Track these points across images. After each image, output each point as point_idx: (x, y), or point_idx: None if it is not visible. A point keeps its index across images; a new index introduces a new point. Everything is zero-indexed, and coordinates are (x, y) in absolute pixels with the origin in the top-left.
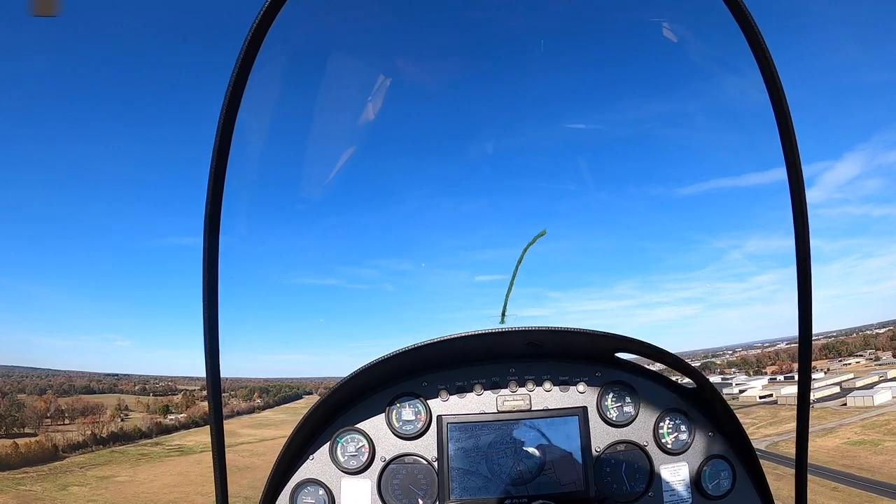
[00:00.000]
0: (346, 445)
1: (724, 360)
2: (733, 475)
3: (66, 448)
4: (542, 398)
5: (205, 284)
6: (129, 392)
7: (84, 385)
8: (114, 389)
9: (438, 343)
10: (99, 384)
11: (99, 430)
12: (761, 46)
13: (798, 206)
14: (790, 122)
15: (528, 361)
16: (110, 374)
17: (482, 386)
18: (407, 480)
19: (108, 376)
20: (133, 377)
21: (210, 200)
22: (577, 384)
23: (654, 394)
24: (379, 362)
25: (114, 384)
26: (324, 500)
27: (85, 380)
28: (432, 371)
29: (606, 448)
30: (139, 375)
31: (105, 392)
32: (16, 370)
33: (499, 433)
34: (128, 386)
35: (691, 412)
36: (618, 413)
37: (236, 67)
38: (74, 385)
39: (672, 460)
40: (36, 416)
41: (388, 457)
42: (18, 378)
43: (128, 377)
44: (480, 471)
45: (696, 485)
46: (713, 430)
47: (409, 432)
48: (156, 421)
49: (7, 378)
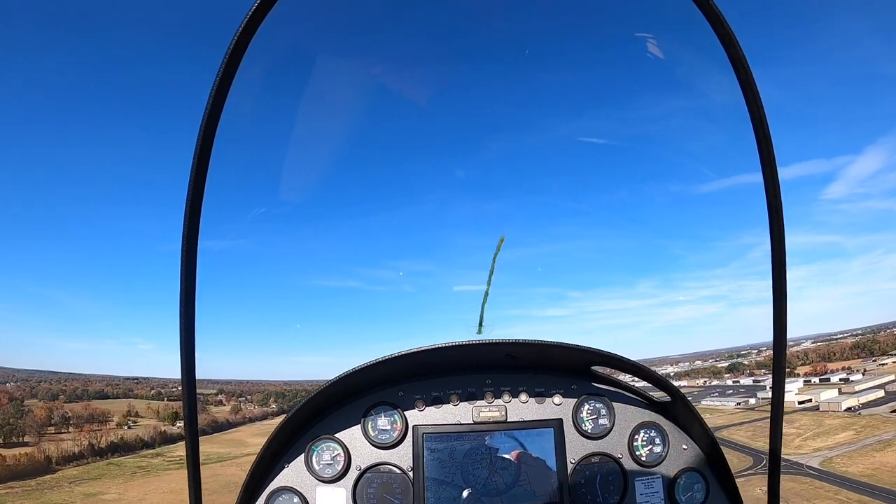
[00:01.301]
0: (322, 454)
1: (751, 360)
2: (707, 488)
3: (60, 460)
4: (518, 410)
5: (182, 286)
6: (143, 397)
7: (98, 390)
8: (129, 394)
9: (415, 354)
10: (114, 389)
11: (97, 440)
12: (734, 46)
13: (773, 202)
14: (766, 127)
15: (504, 373)
16: (130, 377)
17: (458, 396)
18: (382, 489)
19: (127, 380)
20: (153, 380)
21: (189, 202)
22: (552, 396)
23: (629, 406)
24: (355, 372)
25: (129, 389)
26: None
27: (103, 384)
28: (409, 381)
29: (581, 460)
30: (159, 379)
31: (120, 397)
32: (36, 374)
33: (474, 444)
34: (143, 391)
35: (666, 425)
36: (593, 425)
37: (222, 66)
38: (88, 390)
39: (646, 473)
40: (36, 425)
41: (364, 466)
42: (35, 382)
43: (147, 381)
44: (455, 481)
45: (670, 497)
46: (687, 444)
47: (385, 442)
48: (160, 430)
49: (26, 382)
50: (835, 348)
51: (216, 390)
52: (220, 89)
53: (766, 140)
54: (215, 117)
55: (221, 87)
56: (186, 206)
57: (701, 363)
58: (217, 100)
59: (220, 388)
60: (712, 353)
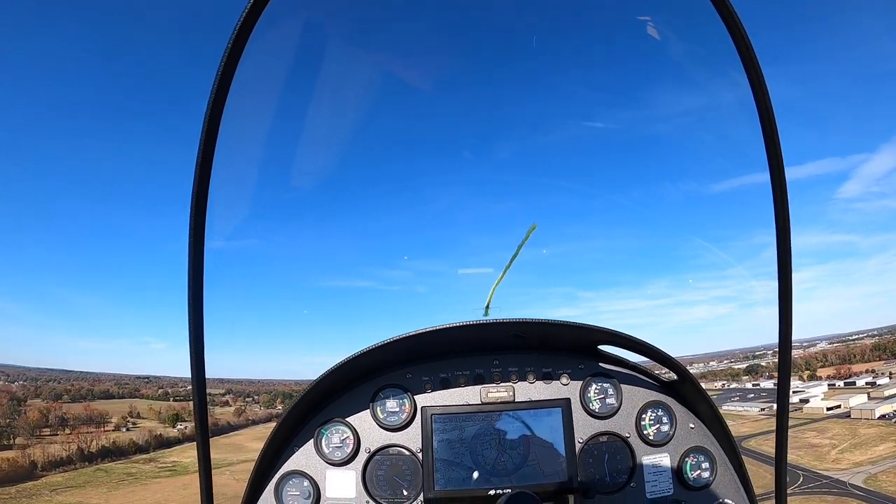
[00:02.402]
0: (331, 437)
1: (769, 361)
2: (714, 467)
3: (46, 465)
4: (526, 390)
5: (190, 286)
6: (149, 397)
7: (104, 390)
8: (135, 394)
9: (422, 334)
10: (121, 389)
11: (87, 444)
12: (746, 45)
13: (779, 199)
14: (774, 126)
15: (511, 353)
16: (140, 376)
17: (466, 378)
18: (391, 472)
19: (138, 379)
20: (163, 379)
21: (195, 202)
22: (560, 376)
23: (636, 386)
24: (363, 354)
25: (136, 389)
26: (309, 492)
27: (111, 383)
28: (416, 363)
29: (589, 439)
30: (170, 378)
31: (126, 397)
32: (47, 373)
33: (483, 425)
34: (150, 390)
35: (673, 404)
36: (601, 405)
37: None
38: (94, 390)
39: (654, 452)
40: (28, 426)
41: (373, 448)
42: (44, 381)
43: (158, 380)
44: (464, 462)
45: (677, 476)
46: (694, 423)
47: (394, 424)
48: (156, 433)
49: (33, 381)
50: (854, 350)
51: (224, 390)
52: (224, 77)
53: (773, 138)
54: (218, 111)
55: (225, 74)
56: (192, 200)
57: (716, 364)
58: (220, 90)
59: (228, 388)
60: (727, 354)
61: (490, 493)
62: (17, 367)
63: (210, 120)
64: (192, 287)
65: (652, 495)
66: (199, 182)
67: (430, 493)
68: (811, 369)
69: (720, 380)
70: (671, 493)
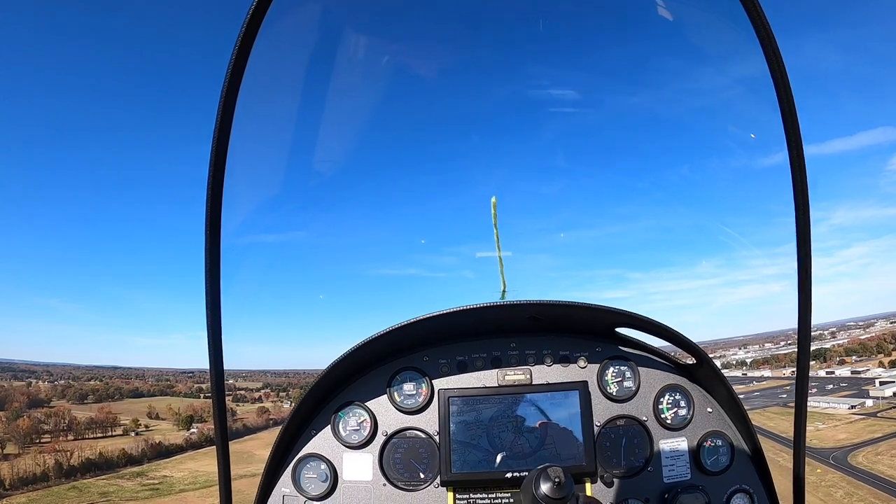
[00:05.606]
0: (348, 420)
1: (834, 344)
2: (732, 452)
3: (15, 482)
4: (543, 373)
5: (207, 278)
6: (180, 394)
7: (132, 389)
8: (166, 392)
9: (439, 317)
10: (151, 387)
11: (67, 459)
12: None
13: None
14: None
15: (529, 336)
16: (184, 370)
17: (483, 360)
18: (408, 454)
19: (182, 374)
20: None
21: (210, 195)
22: (577, 359)
23: (654, 369)
24: (379, 336)
25: (169, 386)
26: (326, 475)
27: (153, 379)
28: (433, 346)
29: (606, 423)
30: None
31: (156, 395)
32: (93, 370)
33: (500, 407)
34: (185, 387)
35: (691, 388)
36: (618, 388)
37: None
38: (122, 389)
39: (671, 436)
40: (20, 434)
41: (390, 431)
42: (85, 380)
43: (203, 373)
44: (481, 444)
45: (695, 460)
46: (712, 407)
47: (411, 406)
48: (155, 442)
49: (76, 380)
50: None
51: (262, 384)
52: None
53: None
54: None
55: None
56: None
57: (772, 346)
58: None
59: (266, 382)
60: (779, 334)
61: (507, 476)
62: (66, 365)
63: (224, 110)
64: (209, 283)
65: (669, 480)
66: (214, 172)
67: (447, 476)
68: (870, 353)
69: (784, 365)
70: (688, 477)
